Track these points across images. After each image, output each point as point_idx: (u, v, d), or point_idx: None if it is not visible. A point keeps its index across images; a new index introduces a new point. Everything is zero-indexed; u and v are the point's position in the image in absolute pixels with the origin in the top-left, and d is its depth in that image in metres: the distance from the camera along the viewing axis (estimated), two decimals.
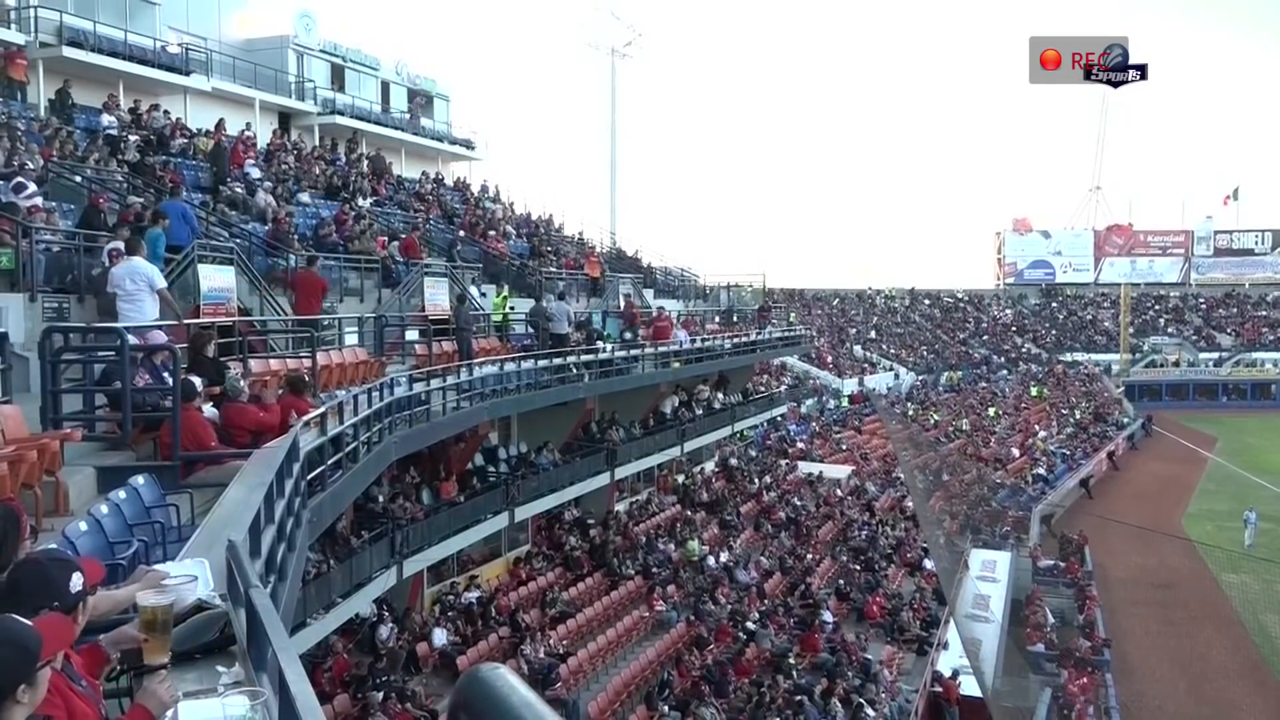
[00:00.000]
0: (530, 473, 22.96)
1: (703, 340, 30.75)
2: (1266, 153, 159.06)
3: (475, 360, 18.89)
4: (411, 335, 19.49)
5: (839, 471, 42.73)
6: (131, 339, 9.07)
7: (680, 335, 29.27)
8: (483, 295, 24.74)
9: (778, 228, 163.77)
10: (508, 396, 19.33)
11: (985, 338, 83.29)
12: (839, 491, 39.83)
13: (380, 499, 18.20)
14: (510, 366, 19.67)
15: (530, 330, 23.64)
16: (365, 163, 32.65)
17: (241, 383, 9.85)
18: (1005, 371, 75.74)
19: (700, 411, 31.81)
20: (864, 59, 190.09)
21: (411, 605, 20.16)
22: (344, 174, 29.23)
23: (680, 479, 33.45)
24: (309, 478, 9.04)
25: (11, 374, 8.43)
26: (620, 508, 29.40)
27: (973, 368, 75.31)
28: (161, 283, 11.62)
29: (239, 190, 22.53)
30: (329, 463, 10.05)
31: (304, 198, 24.92)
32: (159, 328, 10.43)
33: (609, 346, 24.91)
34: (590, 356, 23.28)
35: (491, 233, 29.84)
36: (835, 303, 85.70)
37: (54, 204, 14.83)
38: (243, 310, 15.17)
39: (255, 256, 18.09)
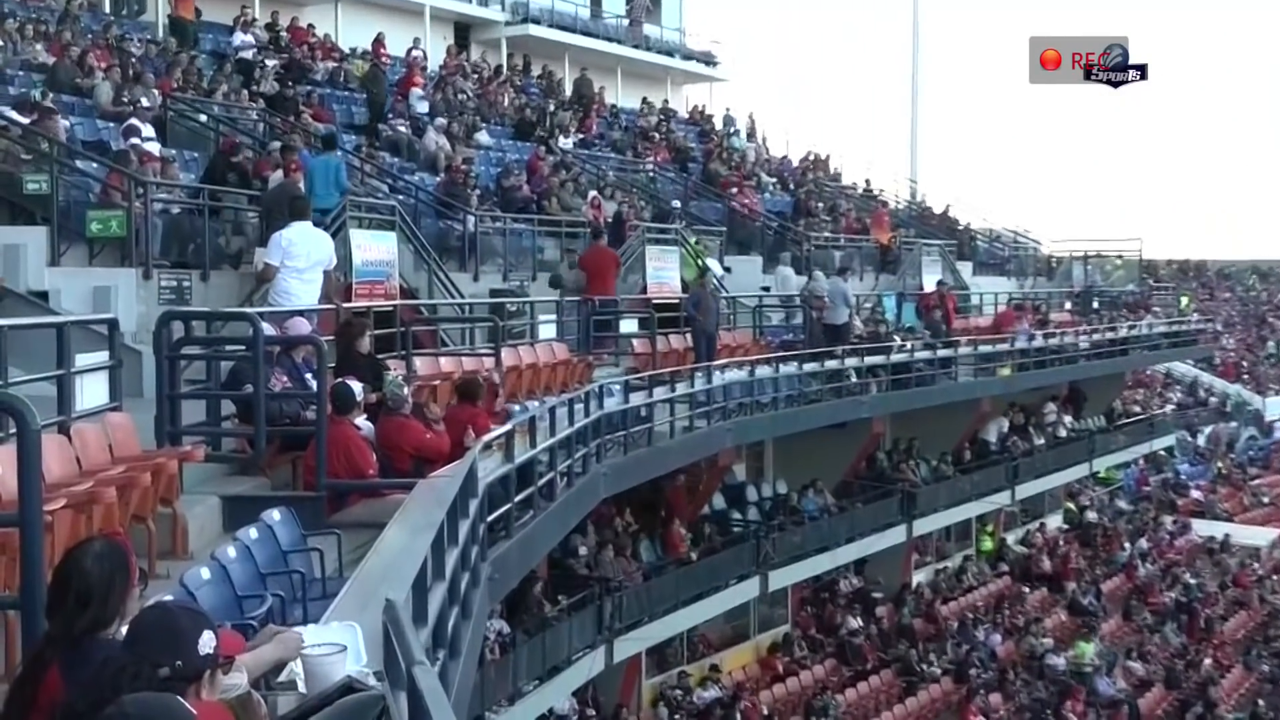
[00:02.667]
0: (791, 523, 22.93)
1: (1046, 337, 29.72)
2: None
3: (717, 363, 19.03)
4: (628, 326, 19.86)
5: (1258, 536, 41.07)
6: (268, 328, 9.62)
7: (1021, 330, 28.36)
8: (727, 270, 24.94)
9: (1158, 174, 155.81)
10: (760, 414, 19.39)
11: None
12: (1257, 566, 38.21)
13: (584, 552, 18.66)
14: (764, 371, 19.69)
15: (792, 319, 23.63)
16: (568, 89, 33.65)
17: (405, 390, 10.26)
18: None
19: (1042, 441, 30.81)
20: None
21: (625, 702, 20.56)
22: (539, 105, 30.23)
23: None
24: (490, 519, 9.37)
25: (122, 372, 8.97)
26: (920, 577, 28.96)
27: None
28: (334, 260, 12.45)
29: (402, 130, 23.73)
30: (516, 500, 10.37)
31: (485, 138, 25.95)
32: (302, 313, 11.03)
33: (907, 344, 24.49)
34: (879, 359, 22.97)
35: (733, 189, 30.03)
36: (1252, 280, 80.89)
37: (173, 152, 16.06)
38: (407, 291, 15.89)
39: (423, 219, 18.97)
